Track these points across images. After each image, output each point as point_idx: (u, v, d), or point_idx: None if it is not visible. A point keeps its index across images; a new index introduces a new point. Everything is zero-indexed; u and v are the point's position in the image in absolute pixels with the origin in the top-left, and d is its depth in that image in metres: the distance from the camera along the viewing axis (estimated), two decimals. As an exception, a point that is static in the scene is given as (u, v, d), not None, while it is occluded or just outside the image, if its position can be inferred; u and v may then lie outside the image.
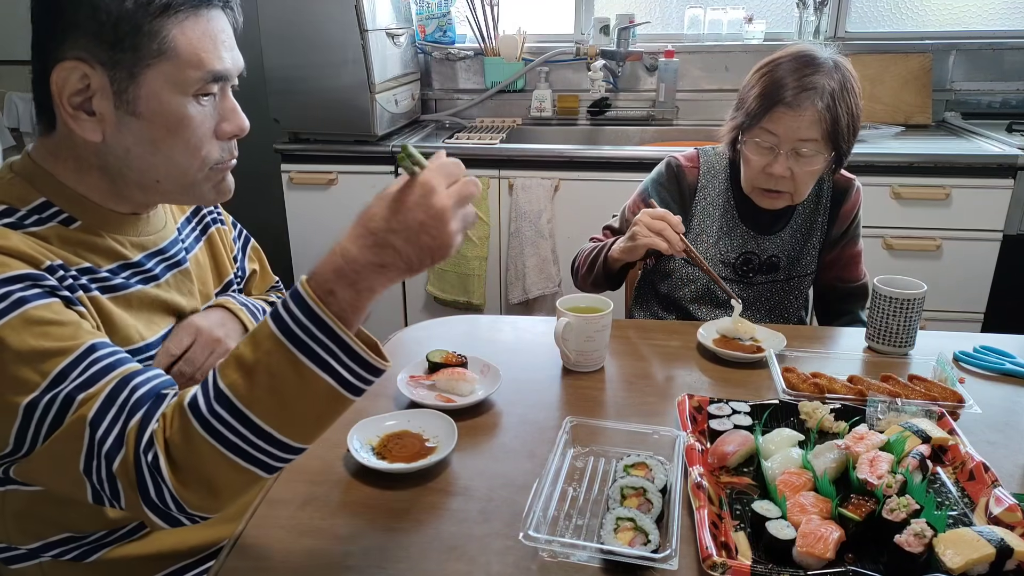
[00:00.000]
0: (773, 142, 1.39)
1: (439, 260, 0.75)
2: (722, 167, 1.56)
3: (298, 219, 2.69)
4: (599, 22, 2.90)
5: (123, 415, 0.76)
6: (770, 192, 1.45)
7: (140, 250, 0.95)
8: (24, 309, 0.77)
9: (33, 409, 0.75)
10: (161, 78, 0.83)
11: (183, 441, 0.74)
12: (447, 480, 0.97)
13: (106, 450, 0.75)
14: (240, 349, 0.75)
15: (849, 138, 1.40)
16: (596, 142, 2.92)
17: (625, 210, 1.64)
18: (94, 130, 0.84)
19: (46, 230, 0.86)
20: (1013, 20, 2.82)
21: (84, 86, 0.82)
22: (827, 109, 1.35)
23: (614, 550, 0.80)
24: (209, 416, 0.73)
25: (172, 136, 0.86)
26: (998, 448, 1.04)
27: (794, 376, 1.16)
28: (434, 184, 0.73)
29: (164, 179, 0.89)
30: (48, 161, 0.89)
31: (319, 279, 0.73)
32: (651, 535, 0.82)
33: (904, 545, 0.78)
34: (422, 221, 0.72)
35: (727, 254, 1.55)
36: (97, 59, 0.81)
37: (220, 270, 1.13)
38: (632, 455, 0.96)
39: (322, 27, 2.48)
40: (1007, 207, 2.33)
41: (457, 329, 1.48)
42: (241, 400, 0.73)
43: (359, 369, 0.74)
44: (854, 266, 1.58)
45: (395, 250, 0.73)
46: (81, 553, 0.92)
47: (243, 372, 0.73)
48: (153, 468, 0.74)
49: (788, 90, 1.35)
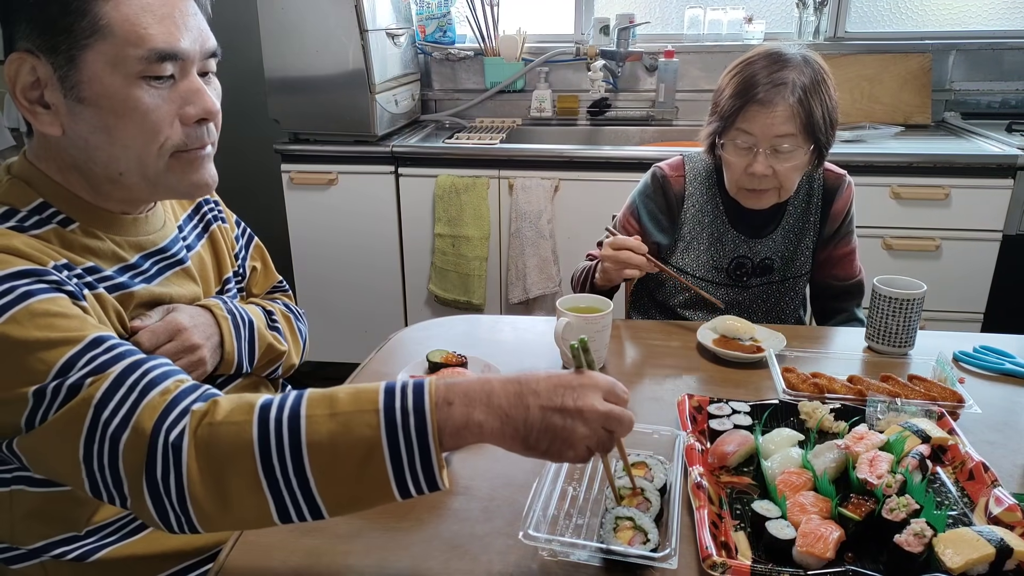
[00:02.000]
0: (751, 142, 1.39)
1: (548, 456, 0.74)
2: (708, 173, 1.55)
3: (298, 219, 2.69)
4: (599, 22, 2.90)
5: (133, 395, 0.73)
6: (755, 191, 1.44)
7: (137, 251, 0.95)
8: (29, 303, 0.76)
9: (42, 396, 0.74)
10: (100, 59, 0.80)
11: (227, 434, 0.71)
12: (447, 480, 0.97)
13: (112, 430, 0.72)
14: (343, 394, 0.73)
15: (827, 130, 1.40)
16: (596, 142, 2.92)
17: (618, 224, 1.63)
18: (52, 123, 0.83)
19: (47, 232, 0.86)
20: (1013, 20, 2.82)
21: (35, 78, 0.81)
22: (800, 103, 1.35)
23: (614, 549, 0.80)
24: (273, 425, 0.70)
25: (123, 121, 0.83)
26: (998, 448, 1.04)
27: (794, 376, 1.16)
28: (599, 384, 0.74)
29: (126, 171, 0.87)
30: (40, 162, 0.89)
31: (448, 388, 0.72)
32: (650, 534, 0.82)
33: (904, 545, 0.78)
34: (567, 412, 0.72)
35: (720, 260, 1.54)
36: (38, 47, 0.80)
37: (221, 268, 1.13)
38: (632, 455, 0.96)
39: (322, 27, 2.48)
40: (1007, 207, 2.33)
41: (457, 329, 1.48)
42: (308, 434, 0.70)
43: (421, 476, 0.71)
44: (849, 263, 1.57)
45: (526, 424, 0.72)
46: (83, 553, 0.92)
47: (328, 413, 0.71)
48: (174, 448, 0.70)
49: (759, 88, 1.36)
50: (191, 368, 0.98)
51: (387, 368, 1.26)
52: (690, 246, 1.55)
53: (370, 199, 2.64)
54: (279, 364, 1.16)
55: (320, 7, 2.46)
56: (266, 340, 1.11)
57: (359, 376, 1.26)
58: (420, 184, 2.60)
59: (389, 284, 2.74)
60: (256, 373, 1.13)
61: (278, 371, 1.17)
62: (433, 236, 2.64)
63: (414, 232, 2.67)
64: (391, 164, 2.59)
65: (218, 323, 1.03)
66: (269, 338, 1.12)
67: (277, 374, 1.17)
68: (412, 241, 2.68)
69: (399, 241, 2.69)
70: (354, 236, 2.68)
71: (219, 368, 1.03)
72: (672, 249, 1.57)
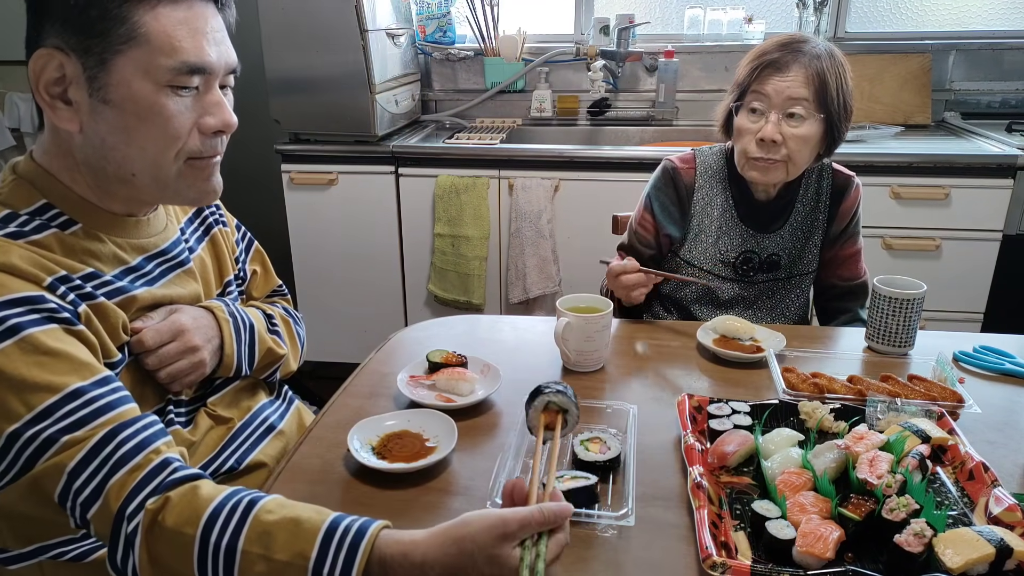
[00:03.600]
0: (764, 104, 1.41)
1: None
2: (720, 166, 1.56)
3: (298, 219, 2.69)
4: (599, 22, 2.90)
5: (104, 469, 0.76)
6: (763, 162, 1.43)
7: (139, 253, 0.96)
8: (21, 336, 0.77)
9: (15, 439, 0.76)
10: (132, 65, 0.82)
11: (170, 547, 0.74)
12: (447, 480, 0.98)
13: (82, 499, 0.76)
14: (283, 533, 0.73)
15: (840, 110, 1.41)
16: (596, 142, 2.92)
17: (632, 223, 1.65)
18: (71, 119, 0.84)
19: (48, 237, 0.86)
20: (1013, 20, 2.82)
21: (60, 75, 0.82)
22: (817, 73, 1.38)
23: (578, 511, 0.86)
24: (211, 552, 0.73)
25: (144, 125, 0.85)
26: (998, 448, 1.04)
27: (794, 376, 1.16)
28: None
29: (139, 173, 0.88)
30: (46, 160, 0.89)
31: (383, 551, 0.72)
32: (590, 477, 0.91)
33: (904, 545, 0.78)
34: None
35: (727, 253, 1.55)
36: (70, 46, 0.81)
37: (222, 271, 1.13)
38: (585, 431, 1.02)
39: (322, 27, 2.48)
40: (1007, 207, 2.33)
41: (457, 329, 1.48)
42: (240, 572, 0.73)
43: None
44: (854, 264, 1.58)
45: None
46: (80, 553, 0.92)
47: (262, 554, 0.73)
48: (128, 541, 0.75)
49: (774, 53, 1.40)
50: (191, 369, 0.98)
51: (387, 368, 1.26)
52: (698, 238, 1.56)
53: (370, 199, 2.64)
54: (277, 367, 1.16)
55: (320, 7, 2.45)
56: (266, 344, 1.11)
57: (359, 376, 1.26)
58: (420, 184, 2.60)
59: (389, 284, 2.74)
60: (254, 376, 1.13)
61: (276, 374, 1.17)
62: (433, 236, 2.64)
63: (414, 232, 2.67)
64: (391, 164, 2.59)
65: (219, 325, 1.03)
66: (269, 342, 1.12)
67: (275, 377, 1.17)
68: (412, 241, 2.68)
69: (399, 241, 2.69)
70: (354, 236, 2.68)
71: (219, 370, 1.04)
72: (683, 241, 1.58)
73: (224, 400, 1.07)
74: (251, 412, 1.10)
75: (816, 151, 1.45)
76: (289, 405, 1.20)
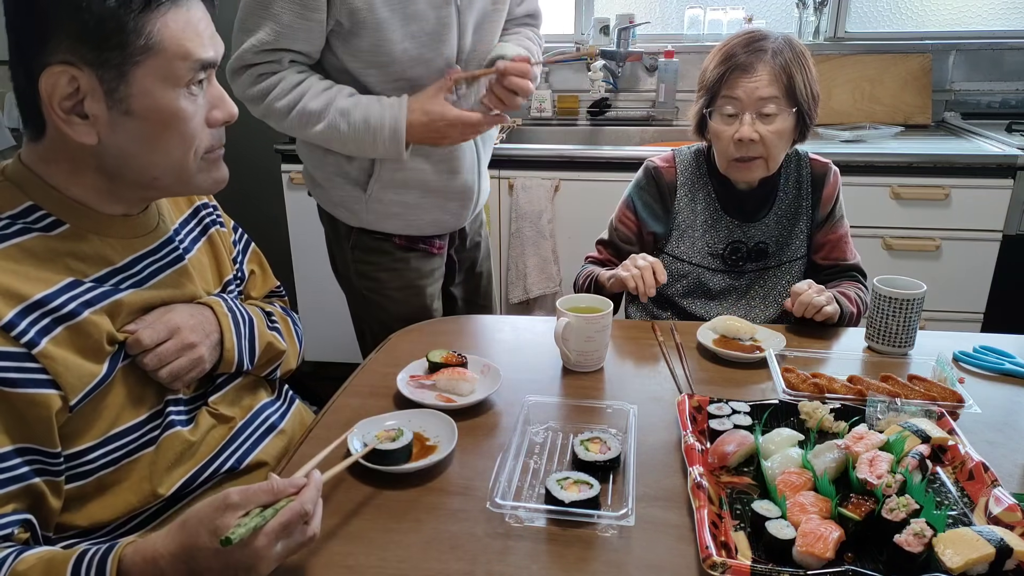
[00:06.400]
0: (736, 107, 1.44)
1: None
2: (699, 162, 1.61)
3: (298, 219, 2.69)
4: (599, 22, 2.90)
5: None
6: (744, 162, 1.48)
7: (129, 252, 0.95)
8: None
9: None
10: (152, 74, 0.84)
11: None
12: (447, 480, 0.98)
13: None
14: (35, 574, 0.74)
15: (809, 100, 1.46)
16: (596, 142, 2.92)
17: (613, 220, 1.67)
18: (88, 133, 0.84)
19: (31, 240, 0.85)
20: (1013, 20, 2.82)
21: (74, 89, 0.82)
22: (781, 68, 1.42)
23: (576, 511, 0.86)
24: None
25: (167, 131, 0.87)
26: (998, 448, 1.04)
27: (794, 376, 1.16)
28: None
29: (162, 175, 0.91)
30: (39, 166, 0.88)
31: (124, 562, 0.74)
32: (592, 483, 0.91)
33: (904, 545, 0.78)
34: None
35: (715, 246, 1.57)
36: (84, 60, 0.81)
37: (220, 271, 1.12)
38: (586, 431, 1.03)
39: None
40: (1007, 207, 2.33)
41: (457, 329, 1.48)
42: None
43: None
44: (844, 246, 1.61)
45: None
46: None
47: None
48: None
49: (739, 55, 1.43)
50: (191, 366, 0.98)
51: (387, 368, 1.26)
52: (685, 233, 1.59)
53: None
54: (278, 364, 1.16)
55: (320, 7, 2.45)
56: (266, 339, 1.11)
57: (359, 376, 1.26)
58: (420, 184, 2.59)
59: (389, 284, 2.73)
60: (256, 373, 1.13)
61: (276, 372, 1.17)
62: (433, 236, 2.63)
63: (414, 232, 2.66)
64: (391, 164, 2.58)
65: (218, 320, 1.03)
66: (269, 337, 1.12)
67: (276, 375, 1.17)
68: (412, 241, 2.67)
69: (399, 241, 2.68)
70: (354, 236, 2.67)
71: (220, 366, 1.03)
72: (668, 237, 1.60)
73: (226, 399, 1.06)
74: (252, 411, 1.10)
75: (791, 140, 1.51)
76: (290, 404, 1.20)
